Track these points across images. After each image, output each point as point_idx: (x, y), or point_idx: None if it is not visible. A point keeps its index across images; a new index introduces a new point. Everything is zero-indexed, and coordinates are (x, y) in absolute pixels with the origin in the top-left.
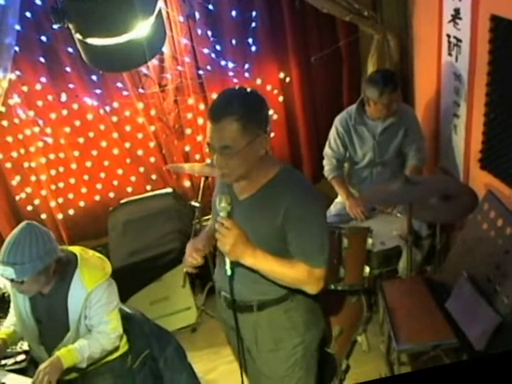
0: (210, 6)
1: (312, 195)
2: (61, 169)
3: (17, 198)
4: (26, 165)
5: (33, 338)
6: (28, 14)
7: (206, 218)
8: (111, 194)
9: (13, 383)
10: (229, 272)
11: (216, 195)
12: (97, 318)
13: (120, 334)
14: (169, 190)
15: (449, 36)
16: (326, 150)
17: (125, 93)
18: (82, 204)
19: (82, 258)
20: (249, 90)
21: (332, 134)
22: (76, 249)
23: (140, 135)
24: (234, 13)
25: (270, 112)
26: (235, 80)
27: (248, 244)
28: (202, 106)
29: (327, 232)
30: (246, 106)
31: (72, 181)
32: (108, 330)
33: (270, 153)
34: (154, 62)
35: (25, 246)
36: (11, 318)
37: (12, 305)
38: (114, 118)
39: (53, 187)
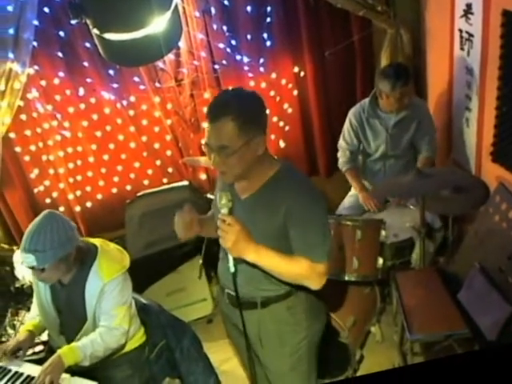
0: (226, 2)
1: (311, 192)
2: (78, 162)
3: (35, 190)
4: (44, 158)
5: (53, 327)
6: (46, 10)
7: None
8: (128, 187)
9: (30, 372)
10: (232, 269)
11: (217, 193)
12: (105, 309)
13: (125, 332)
14: (185, 182)
15: (461, 31)
16: (340, 143)
17: (141, 87)
18: (99, 197)
19: (102, 249)
20: (246, 90)
21: (346, 126)
22: (97, 241)
23: (156, 129)
24: (249, 8)
25: (285, 106)
26: (250, 74)
27: (250, 240)
28: None
29: (328, 226)
30: (243, 106)
31: (89, 174)
32: (112, 324)
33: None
34: (171, 56)
35: (46, 234)
36: (35, 307)
37: (34, 295)
38: (131, 112)
39: (71, 180)
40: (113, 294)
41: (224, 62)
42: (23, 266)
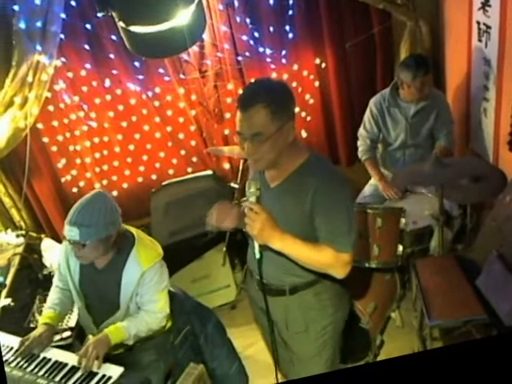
0: None
1: (339, 181)
2: (105, 152)
3: (62, 180)
4: (71, 148)
5: (81, 308)
6: (73, 3)
7: (245, 199)
8: (153, 176)
9: (57, 358)
10: (257, 255)
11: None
12: (147, 296)
13: (167, 314)
14: (209, 172)
15: (478, 23)
16: (361, 131)
17: (166, 78)
18: (125, 186)
19: (138, 237)
20: (273, 80)
21: (366, 115)
22: (132, 229)
23: (181, 119)
24: (271, 1)
25: (307, 97)
26: (273, 66)
27: (276, 228)
28: (240, 91)
29: (354, 217)
30: (273, 94)
31: (115, 163)
32: (156, 309)
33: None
34: (195, 48)
35: (94, 211)
36: (52, 296)
37: (59, 277)
38: (156, 103)
39: (97, 170)
40: (153, 280)
41: (247, 53)
42: (51, 254)
